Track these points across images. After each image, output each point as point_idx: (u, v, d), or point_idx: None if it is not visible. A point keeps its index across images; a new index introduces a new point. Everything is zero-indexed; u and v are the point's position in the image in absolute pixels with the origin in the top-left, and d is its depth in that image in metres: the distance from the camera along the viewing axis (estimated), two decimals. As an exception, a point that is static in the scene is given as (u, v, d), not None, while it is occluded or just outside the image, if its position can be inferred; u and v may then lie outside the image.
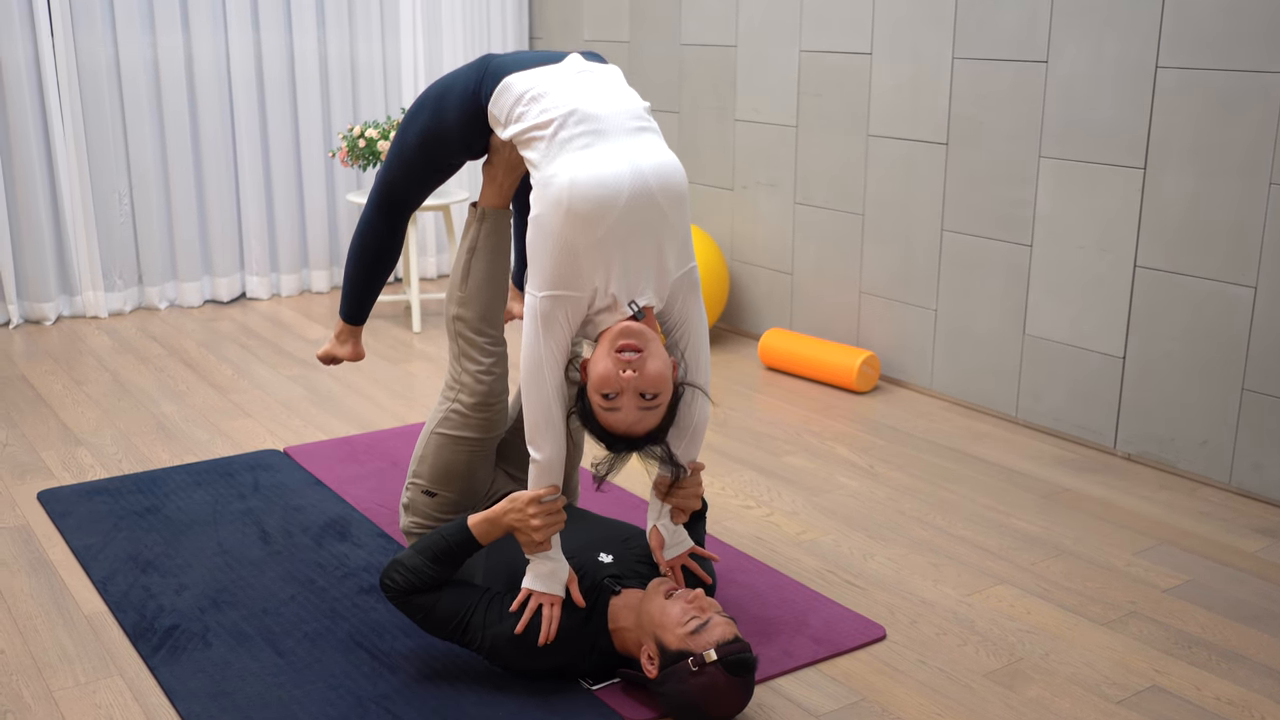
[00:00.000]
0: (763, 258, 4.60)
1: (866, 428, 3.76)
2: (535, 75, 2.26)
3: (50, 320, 4.84)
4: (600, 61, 2.36)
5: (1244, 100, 3.08)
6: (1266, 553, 2.91)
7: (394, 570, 2.25)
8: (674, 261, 2.20)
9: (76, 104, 4.75)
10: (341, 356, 2.86)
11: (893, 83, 3.98)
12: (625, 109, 2.19)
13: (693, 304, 2.27)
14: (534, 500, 2.18)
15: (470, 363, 2.55)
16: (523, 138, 2.21)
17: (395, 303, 5.17)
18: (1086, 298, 3.53)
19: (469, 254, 2.57)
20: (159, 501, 3.11)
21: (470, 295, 2.55)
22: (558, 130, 2.14)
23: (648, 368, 2.09)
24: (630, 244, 2.12)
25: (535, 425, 2.17)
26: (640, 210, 2.11)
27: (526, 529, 2.19)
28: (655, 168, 2.14)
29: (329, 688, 2.27)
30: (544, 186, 2.12)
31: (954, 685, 2.33)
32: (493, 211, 2.57)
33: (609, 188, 2.08)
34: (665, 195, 2.15)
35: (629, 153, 2.13)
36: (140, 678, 2.33)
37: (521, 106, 2.23)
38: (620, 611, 2.24)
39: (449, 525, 2.27)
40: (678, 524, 2.40)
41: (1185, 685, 2.35)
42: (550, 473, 2.20)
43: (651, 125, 2.23)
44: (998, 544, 2.95)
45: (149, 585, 2.67)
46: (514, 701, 2.23)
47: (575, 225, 2.08)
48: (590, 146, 2.12)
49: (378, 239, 2.65)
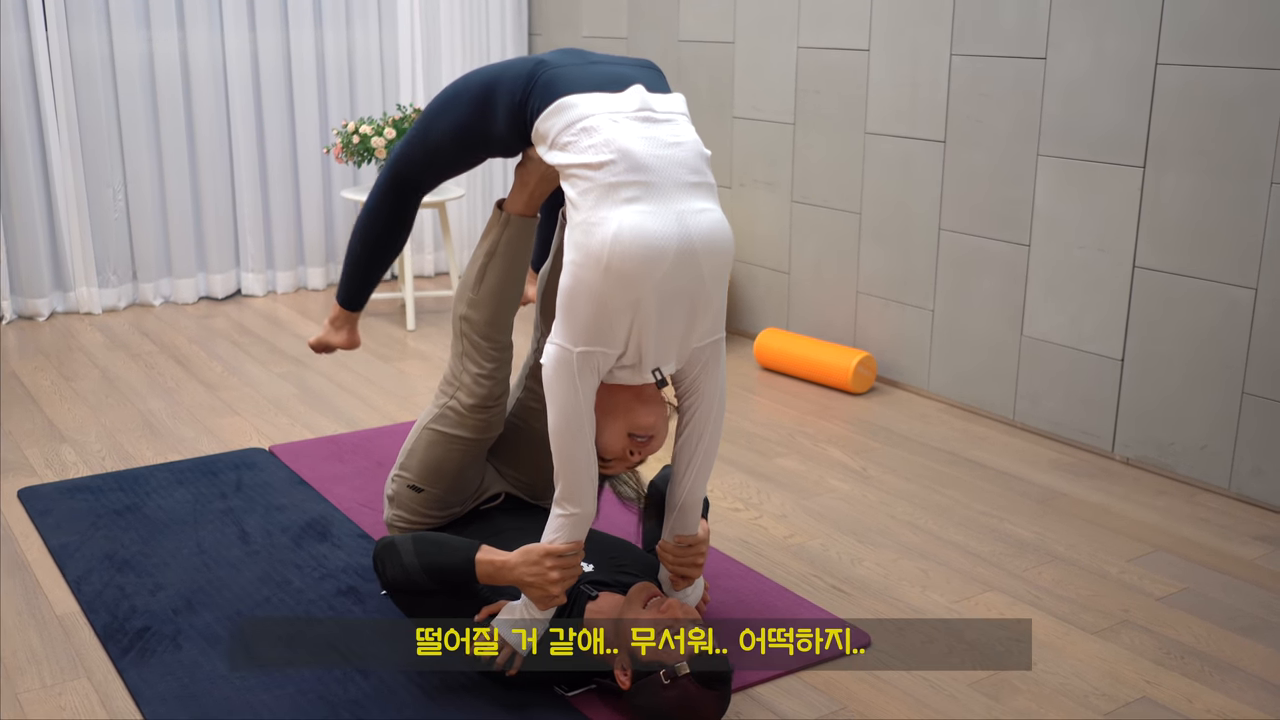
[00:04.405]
0: (760, 257, 4.55)
1: (861, 430, 3.70)
2: (593, 103, 2.06)
3: (44, 316, 4.81)
4: (664, 89, 2.19)
5: (1245, 98, 3.02)
6: (1265, 561, 2.85)
7: (388, 560, 2.18)
8: (703, 330, 2.09)
9: (71, 99, 4.72)
10: (335, 344, 2.69)
11: (891, 80, 3.93)
12: (682, 161, 2.03)
13: (712, 374, 2.13)
14: (552, 554, 2.08)
15: (472, 364, 2.46)
16: (567, 172, 2.05)
17: (390, 300, 5.13)
18: (1085, 299, 3.47)
19: (488, 257, 2.43)
20: (139, 500, 3.07)
21: (482, 299, 2.44)
22: (605, 175, 1.98)
23: (650, 447, 2.12)
24: (665, 309, 2.00)
25: (575, 484, 2.06)
26: (682, 277, 1.99)
27: (543, 584, 2.09)
28: (705, 234, 2.01)
29: (299, 692, 2.23)
30: (585, 233, 1.98)
31: (938, 695, 2.28)
32: (518, 219, 2.42)
33: (654, 249, 1.95)
34: (710, 264, 2.02)
35: (679, 212, 1.98)
36: (108, 680, 2.29)
37: (571, 135, 2.05)
38: (598, 618, 2.19)
39: (456, 546, 2.19)
40: (679, 590, 2.33)
41: (1176, 697, 2.29)
42: (581, 528, 2.11)
43: (707, 180, 2.08)
44: (990, 550, 2.89)
45: (123, 585, 2.63)
46: (488, 708, 2.18)
47: (612, 283, 1.96)
48: (638, 200, 1.96)
49: (387, 222, 2.48)
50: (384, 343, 4.58)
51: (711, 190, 2.09)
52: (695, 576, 2.30)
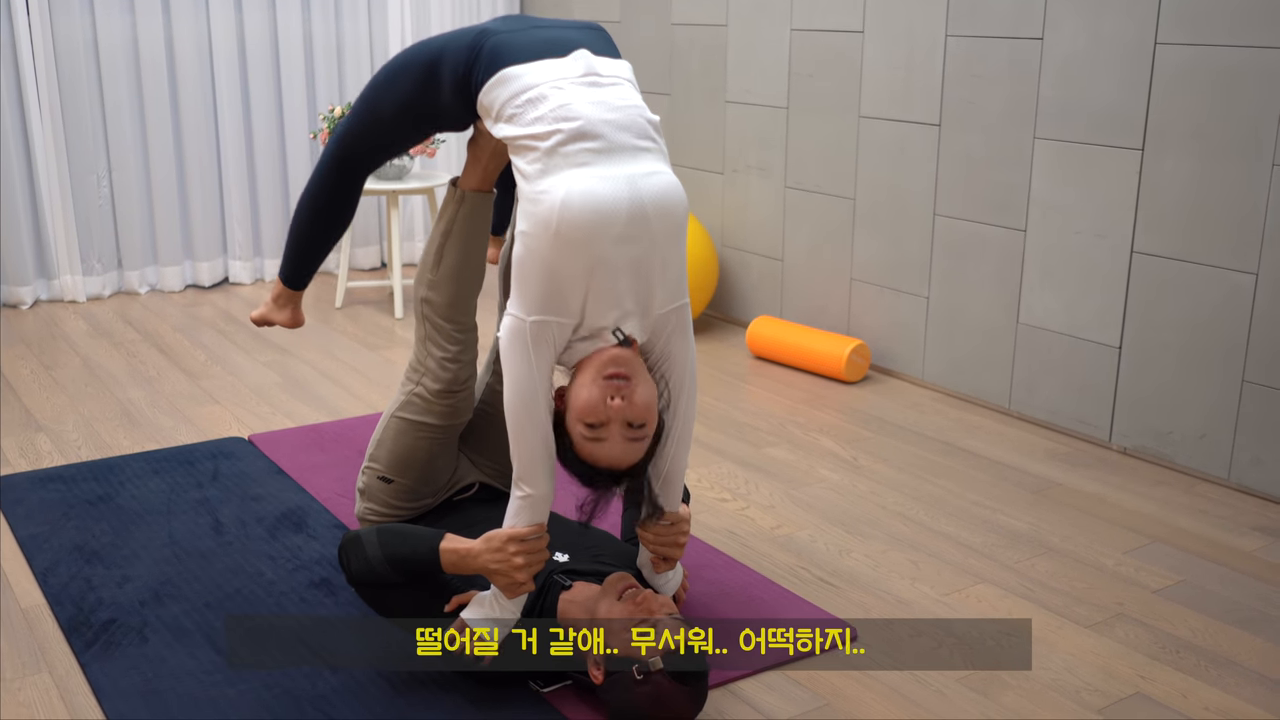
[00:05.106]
0: (753, 244, 4.47)
1: (854, 419, 3.63)
2: (536, 71, 2.01)
3: (27, 305, 4.74)
4: (610, 53, 2.14)
5: (1246, 78, 2.93)
6: (1264, 552, 2.77)
7: (353, 554, 2.12)
8: (664, 296, 2.02)
9: (54, 84, 4.64)
10: (277, 321, 2.60)
11: (885, 62, 3.84)
12: (629, 124, 1.98)
13: (679, 342, 2.07)
14: (514, 539, 2.01)
15: (436, 348, 2.40)
16: (515, 143, 1.99)
17: (379, 288, 5.06)
18: (1082, 285, 3.39)
19: (444, 236, 2.38)
20: (113, 490, 3.00)
21: (441, 280, 2.39)
22: (553, 143, 1.93)
23: (636, 396, 1.94)
24: (620, 275, 1.94)
25: (529, 459, 1.99)
26: (634, 240, 1.93)
27: (508, 570, 2.02)
28: (656, 195, 1.94)
29: (265, 687, 2.16)
30: (533, 202, 1.93)
31: (925, 690, 2.21)
32: (473, 194, 2.37)
33: (603, 213, 1.90)
34: (663, 225, 1.96)
35: (629, 175, 1.93)
36: (70, 675, 2.22)
37: (516, 107, 2.00)
38: (571, 608, 2.12)
39: (421, 535, 2.12)
40: (660, 573, 2.26)
41: (1171, 693, 2.21)
42: (540, 509, 2.03)
43: (657, 145, 2.03)
44: (982, 541, 2.82)
45: (91, 577, 2.56)
46: (460, 704, 2.11)
47: (563, 250, 1.90)
48: (587, 165, 1.92)
49: (330, 201, 2.40)
50: (371, 331, 4.50)
51: (662, 154, 2.03)
52: (676, 558, 2.23)
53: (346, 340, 4.37)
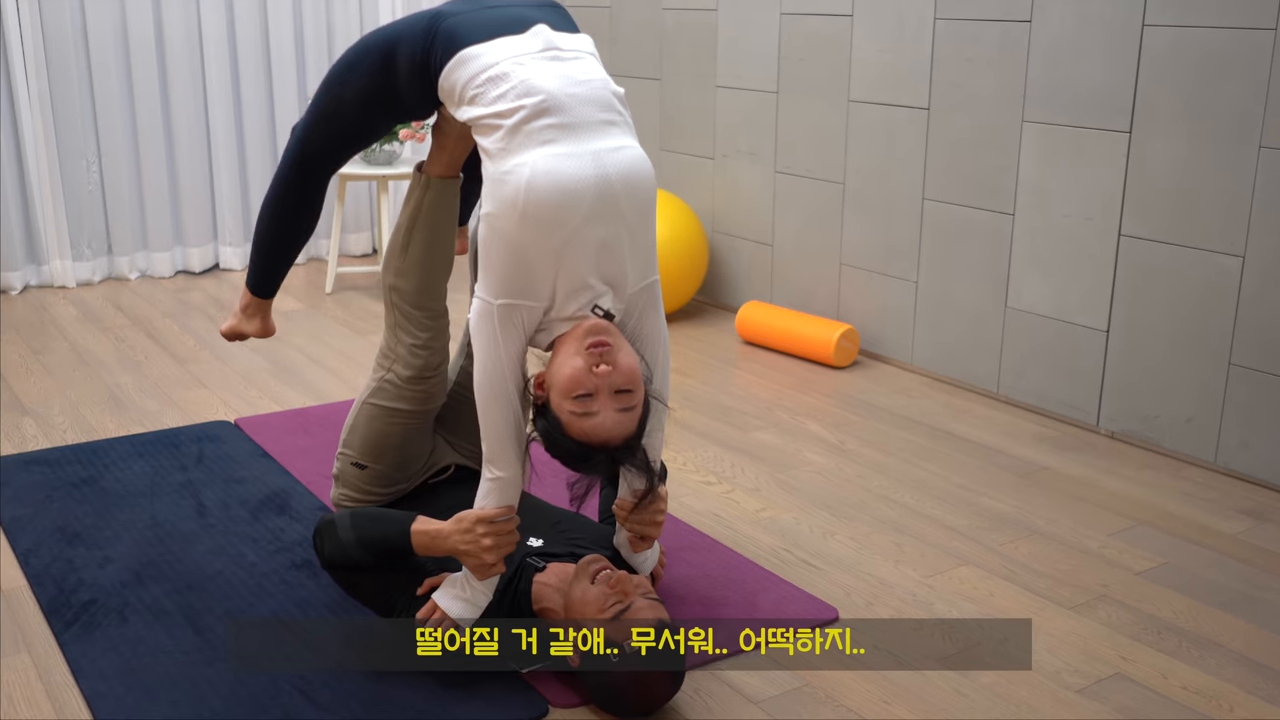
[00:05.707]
0: (743, 229, 4.46)
1: (842, 403, 3.62)
2: (495, 50, 1.99)
3: (17, 290, 4.74)
4: (569, 28, 2.12)
5: (1234, 59, 2.92)
6: (1249, 535, 2.77)
7: (326, 537, 2.12)
8: (635, 274, 2.00)
9: (42, 69, 4.63)
10: (248, 332, 2.57)
11: (874, 45, 3.83)
12: (594, 98, 1.96)
13: (651, 319, 2.06)
14: (483, 520, 2.00)
15: (406, 335, 2.37)
16: (478, 123, 1.97)
17: (369, 274, 5.05)
18: (1070, 269, 3.38)
19: (411, 222, 2.35)
20: (97, 473, 3.00)
21: (409, 266, 2.35)
22: (516, 120, 1.90)
23: (621, 361, 1.91)
24: (590, 253, 1.92)
25: (498, 441, 1.98)
26: (603, 218, 1.91)
27: (477, 551, 2.00)
28: (623, 171, 1.93)
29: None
30: (498, 183, 1.90)
31: (904, 671, 2.20)
32: (439, 180, 2.34)
33: (570, 192, 1.87)
34: (631, 203, 1.94)
35: (595, 151, 1.91)
36: (49, 655, 2.22)
37: (477, 87, 1.97)
38: (545, 591, 2.12)
39: (393, 518, 2.11)
40: (638, 552, 2.25)
41: (1151, 673, 2.21)
42: (510, 491, 2.02)
43: (623, 117, 2.01)
44: (966, 524, 2.82)
45: (73, 558, 2.56)
46: (438, 684, 2.11)
47: (529, 231, 1.88)
48: (552, 142, 1.89)
49: (296, 205, 2.37)
50: (361, 316, 4.50)
51: (628, 127, 2.01)
52: (654, 536, 2.21)
53: (336, 326, 4.36)
